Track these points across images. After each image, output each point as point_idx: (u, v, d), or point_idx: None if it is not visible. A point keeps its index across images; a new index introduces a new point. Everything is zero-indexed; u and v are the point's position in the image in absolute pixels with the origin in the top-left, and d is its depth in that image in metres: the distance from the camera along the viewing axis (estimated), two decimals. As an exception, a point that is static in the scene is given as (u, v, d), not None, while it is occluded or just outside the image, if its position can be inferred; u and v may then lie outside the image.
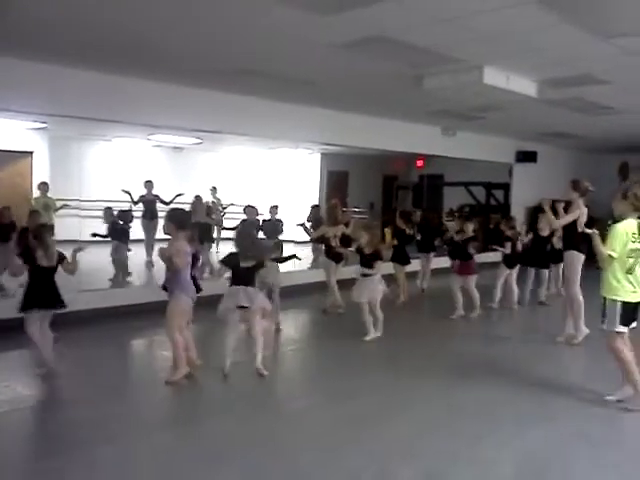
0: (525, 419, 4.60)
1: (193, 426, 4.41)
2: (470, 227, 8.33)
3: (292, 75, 7.19)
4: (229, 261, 5.60)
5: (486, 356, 6.40)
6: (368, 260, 6.73)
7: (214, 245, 11.12)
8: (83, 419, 4.48)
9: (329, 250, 8.03)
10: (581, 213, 6.40)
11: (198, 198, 10.26)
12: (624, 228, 4.67)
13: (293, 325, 7.72)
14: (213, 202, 13.19)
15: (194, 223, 9.13)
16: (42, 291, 5.28)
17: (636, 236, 4.64)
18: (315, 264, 10.25)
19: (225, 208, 12.57)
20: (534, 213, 13.99)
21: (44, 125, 9.87)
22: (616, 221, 4.80)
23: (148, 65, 6.84)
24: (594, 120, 10.02)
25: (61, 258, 5.35)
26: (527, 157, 13.85)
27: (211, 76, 7.31)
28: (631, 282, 4.66)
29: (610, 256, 4.63)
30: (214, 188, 13.56)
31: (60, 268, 5.37)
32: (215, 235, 11.17)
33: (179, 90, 7.84)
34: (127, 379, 5.57)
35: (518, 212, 14.30)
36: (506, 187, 14.96)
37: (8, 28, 5.42)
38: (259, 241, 6.41)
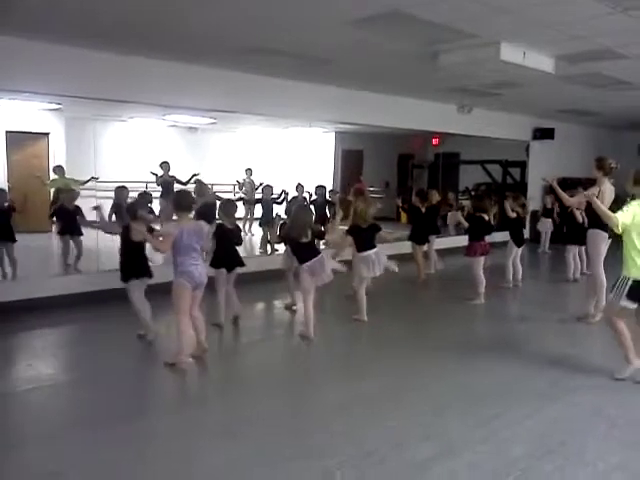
0: (540, 398, 4.60)
1: (210, 404, 4.49)
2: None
3: (306, 53, 7.14)
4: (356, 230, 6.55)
5: (502, 335, 6.40)
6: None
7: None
8: (106, 396, 4.57)
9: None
10: (602, 191, 6.30)
11: (198, 181, 10.21)
12: (637, 204, 4.72)
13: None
14: (249, 182, 13.31)
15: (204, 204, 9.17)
16: (135, 262, 5.74)
17: None
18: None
19: (257, 188, 12.45)
20: (551, 192, 13.89)
21: (59, 106, 9.92)
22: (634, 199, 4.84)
23: (161, 45, 6.82)
24: (612, 96, 9.86)
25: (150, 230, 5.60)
26: (544, 134, 13.66)
27: (225, 55, 7.27)
28: None
29: (616, 221, 4.64)
30: (249, 169, 13.63)
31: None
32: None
33: (193, 70, 7.82)
34: (148, 357, 5.64)
35: (535, 190, 14.19)
36: (523, 165, 14.79)
37: (22, 10, 5.42)
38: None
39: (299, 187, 10.79)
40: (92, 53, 6.90)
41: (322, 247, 7.32)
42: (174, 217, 5.19)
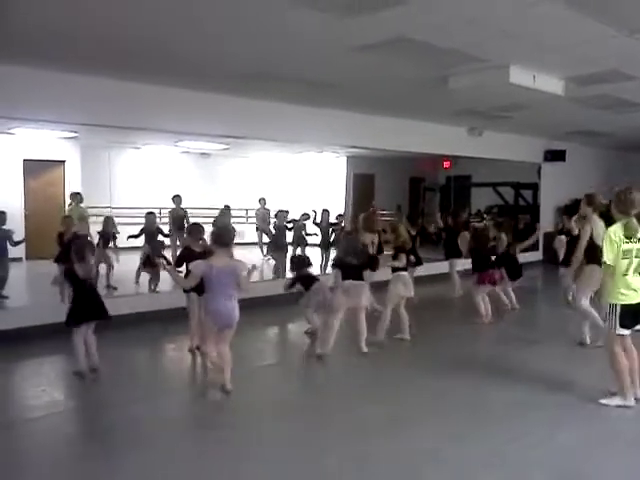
0: (554, 422, 4.53)
1: (222, 429, 4.44)
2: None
3: (316, 79, 7.23)
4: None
5: (513, 359, 6.32)
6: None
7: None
8: (115, 423, 4.57)
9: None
10: (594, 227, 6.31)
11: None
12: (613, 231, 4.63)
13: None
14: (262, 211, 13.45)
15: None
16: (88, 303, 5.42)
17: (627, 237, 4.60)
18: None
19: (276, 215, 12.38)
20: (565, 212, 13.84)
21: (75, 134, 10.09)
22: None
23: (174, 73, 6.96)
24: (622, 117, 9.87)
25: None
26: (556, 156, 13.65)
27: (236, 82, 7.38)
28: (628, 285, 4.61)
29: (606, 264, 4.61)
30: (263, 199, 13.80)
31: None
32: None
33: (205, 97, 7.94)
34: (157, 382, 5.65)
35: (547, 212, 14.17)
36: (535, 187, 14.79)
37: (36, 41, 5.57)
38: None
39: (325, 213, 11.02)
40: (106, 81, 7.03)
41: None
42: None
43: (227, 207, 10.06)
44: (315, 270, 7.92)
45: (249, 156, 15.65)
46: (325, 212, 11.11)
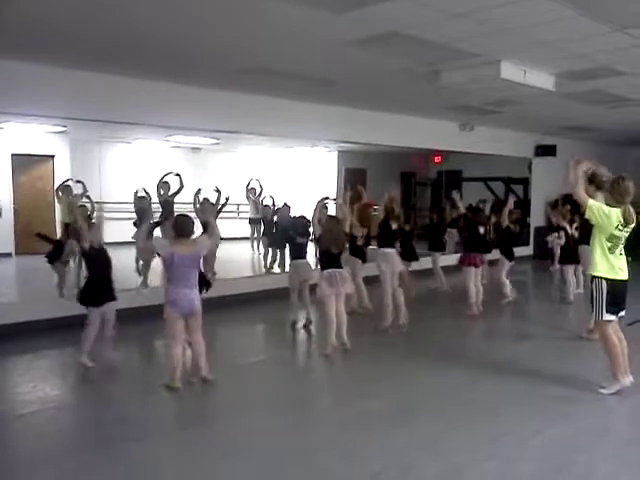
0: (547, 415, 4.56)
1: (214, 424, 4.45)
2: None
3: (308, 74, 7.21)
4: None
5: (506, 353, 6.36)
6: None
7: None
8: (108, 418, 4.55)
9: (354, 248, 7.93)
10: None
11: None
12: (615, 211, 4.79)
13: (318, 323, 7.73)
14: (253, 201, 13.39)
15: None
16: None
17: (622, 224, 4.76)
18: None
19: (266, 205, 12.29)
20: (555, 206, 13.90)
21: (64, 129, 10.00)
22: None
23: (165, 67, 6.91)
24: (613, 112, 9.90)
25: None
26: (546, 151, 13.70)
27: (227, 76, 7.35)
28: (612, 262, 4.80)
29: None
30: (253, 188, 13.74)
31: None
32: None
33: (196, 91, 7.89)
34: (148, 378, 5.63)
35: (538, 207, 14.23)
36: (525, 182, 14.84)
37: (26, 34, 5.51)
38: None
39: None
40: (96, 76, 6.97)
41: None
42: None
43: (207, 200, 9.96)
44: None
45: (240, 150, 15.60)
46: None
